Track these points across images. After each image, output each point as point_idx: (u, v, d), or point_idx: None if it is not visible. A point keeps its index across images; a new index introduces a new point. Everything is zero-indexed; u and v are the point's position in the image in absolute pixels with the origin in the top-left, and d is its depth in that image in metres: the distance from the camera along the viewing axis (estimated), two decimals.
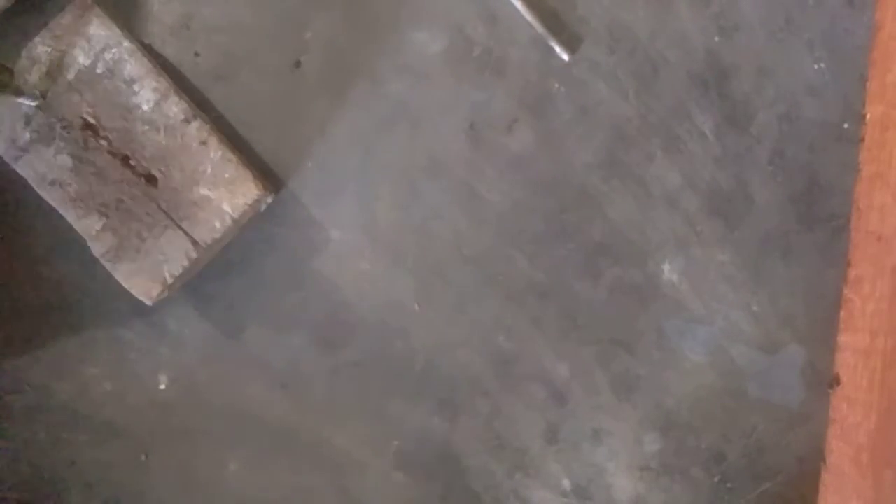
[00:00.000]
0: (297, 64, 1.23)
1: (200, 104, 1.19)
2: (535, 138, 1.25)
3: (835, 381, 1.22)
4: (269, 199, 1.20)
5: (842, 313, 1.23)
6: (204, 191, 1.13)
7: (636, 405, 1.28)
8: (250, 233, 1.24)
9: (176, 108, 1.13)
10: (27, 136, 1.11)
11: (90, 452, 1.26)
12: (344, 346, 1.27)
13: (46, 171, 1.12)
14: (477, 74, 1.24)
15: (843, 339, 1.22)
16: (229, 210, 1.13)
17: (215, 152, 1.13)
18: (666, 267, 1.26)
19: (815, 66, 1.24)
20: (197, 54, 1.22)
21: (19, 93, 1.08)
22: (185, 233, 1.13)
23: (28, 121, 1.11)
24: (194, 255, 1.13)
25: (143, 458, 1.26)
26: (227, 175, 1.13)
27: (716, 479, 1.29)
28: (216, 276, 1.24)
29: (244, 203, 1.13)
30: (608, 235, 1.26)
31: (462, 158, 1.25)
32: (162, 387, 1.26)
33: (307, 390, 1.27)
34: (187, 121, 1.13)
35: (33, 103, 1.10)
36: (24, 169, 1.12)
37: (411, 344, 1.27)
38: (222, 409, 1.26)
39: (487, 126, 1.24)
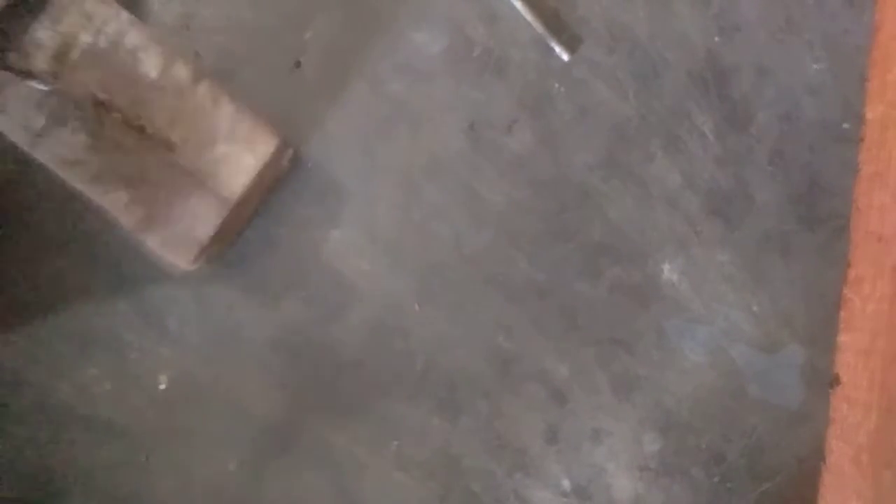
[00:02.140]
0: (297, 64, 1.23)
1: None
2: (535, 138, 1.25)
3: (835, 381, 1.22)
4: (291, 152, 1.20)
5: (842, 313, 1.23)
6: (224, 148, 1.12)
7: (636, 405, 1.28)
8: (250, 232, 1.24)
9: (183, 70, 1.12)
10: (42, 121, 1.11)
11: (90, 452, 1.26)
12: (344, 345, 1.27)
13: (66, 153, 1.12)
14: (477, 74, 1.24)
15: (843, 339, 1.22)
16: (252, 162, 1.13)
17: (228, 108, 1.13)
18: (666, 267, 1.26)
19: (815, 66, 1.24)
20: (197, 54, 1.22)
21: (31, 77, 1.08)
22: (213, 192, 1.13)
23: (40, 106, 1.11)
24: (225, 212, 1.12)
25: (143, 458, 1.26)
26: (244, 129, 1.13)
27: (716, 479, 1.29)
28: (216, 276, 1.24)
29: (266, 153, 1.13)
30: (608, 235, 1.26)
31: (462, 158, 1.25)
32: (162, 387, 1.26)
33: (307, 390, 1.27)
34: (196, 81, 1.12)
35: (46, 88, 1.10)
36: (43, 153, 1.12)
37: (411, 344, 1.27)
38: (222, 409, 1.26)
39: (487, 126, 1.25)
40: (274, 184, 1.22)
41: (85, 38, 1.11)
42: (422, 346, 1.27)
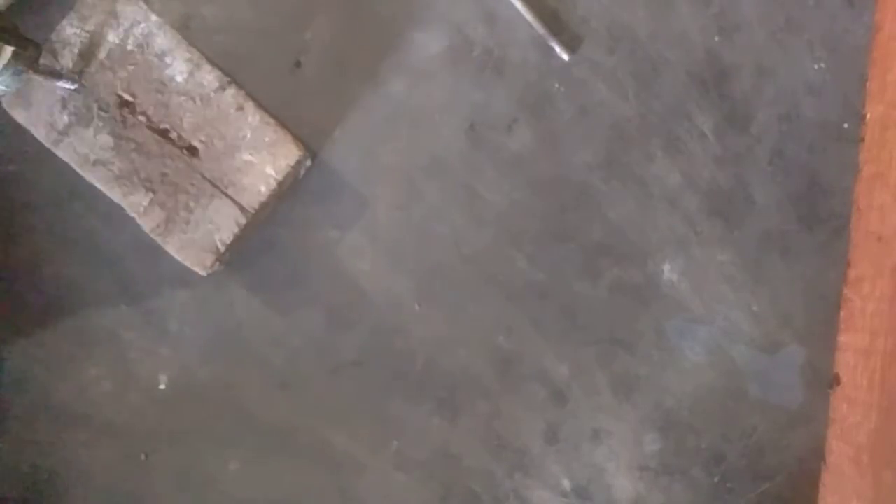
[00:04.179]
0: (297, 64, 1.23)
1: None
2: (535, 138, 1.25)
3: (835, 381, 1.22)
4: (309, 162, 1.20)
5: (842, 313, 1.23)
6: (246, 156, 1.13)
7: (636, 405, 1.28)
8: (250, 232, 1.24)
9: (210, 76, 1.13)
10: (65, 119, 1.11)
11: (90, 452, 1.26)
12: (344, 345, 1.27)
13: (88, 152, 1.12)
14: (477, 74, 1.24)
15: (843, 339, 1.22)
16: (273, 173, 1.13)
17: (253, 117, 1.13)
18: (666, 267, 1.26)
19: (815, 66, 1.24)
20: None
21: (57, 76, 1.08)
22: (232, 200, 1.13)
23: (64, 104, 1.11)
24: (243, 220, 1.13)
25: (143, 457, 1.26)
26: (267, 139, 1.13)
27: (716, 479, 1.29)
28: (216, 276, 1.24)
29: (287, 165, 1.13)
30: (608, 235, 1.26)
31: (462, 158, 1.25)
32: (162, 387, 1.26)
33: (307, 390, 1.27)
34: (222, 88, 1.13)
35: (72, 86, 1.10)
36: (66, 152, 1.12)
37: (411, 343, 1.27)
38: (222, 409, 1.26)
39: (487, 126, 1.25)
40: (288, 191, 1.22)
41: (113, 39, 1.11)
42: (422, 346, 1.27)
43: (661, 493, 1.30)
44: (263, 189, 1.13)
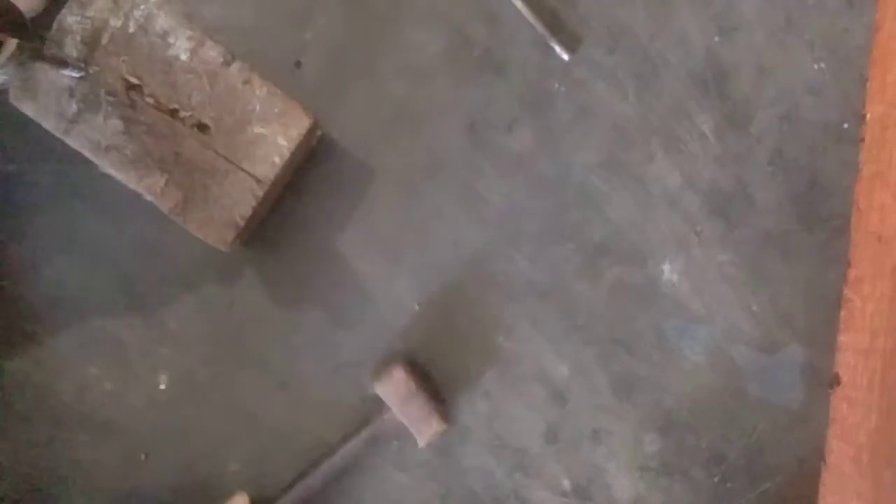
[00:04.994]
0: (298, 64, 1.23)
1: None
2: (535, 138, 1.25)
3: (835, 381, 1.22)
4: (320, 132, 1.20)
5: (842, 313, 1.23)
6: (257, 129, 1.12)
7: (636, 405, 1.28)
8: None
9: (213, 52, 1.12)
10: (74, 107, 1.11)
11: (90, 452, 1.26)
12: (344, 345, 1.27)
13: (100, 139, 1.11)
14: (477, 74, 1.24)
15: (843, 339, 1.22)
16: (285, 143, 1.13)
17: (260, 89, 1.12)
18: (666, 267, 1.26)
19: (815, 66, 1.24)
20: None
21: (63, 64, 1.08)
22: (248, 173, 1.13)
23: (72, 93, 1.11)
24: (260, 193, 1.13)
25: (142, 457, 1.26)
26: (276, 109, 1.13)
27: (716, 479, 1.29)
28: (215, 276, 1.24)
29: (298, 134, 1.13)
30: (608, 235, 1.26)
31: (462, 158, 1.25)
32: (162, 387, 1.26)
33: (307, 390, 1.27)
34: (227, 63, 1.12)
35: (78, 74, 1.10)
36: (77, 140, 1.12)
37: (411, 344, 1.27)
38: (222, 409, 1.26)
39: (487, 126, 1.25)
40: (303, 162, 1.22)
41: (114, 23, 1.11)
42: (422, 346, 1.27)
43: (661, 493, 1.30)
44: (277, 160, 1.13)
